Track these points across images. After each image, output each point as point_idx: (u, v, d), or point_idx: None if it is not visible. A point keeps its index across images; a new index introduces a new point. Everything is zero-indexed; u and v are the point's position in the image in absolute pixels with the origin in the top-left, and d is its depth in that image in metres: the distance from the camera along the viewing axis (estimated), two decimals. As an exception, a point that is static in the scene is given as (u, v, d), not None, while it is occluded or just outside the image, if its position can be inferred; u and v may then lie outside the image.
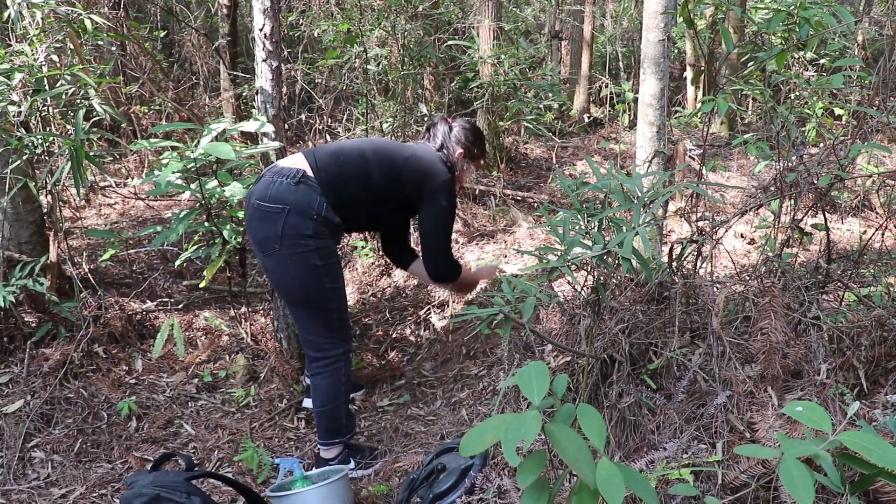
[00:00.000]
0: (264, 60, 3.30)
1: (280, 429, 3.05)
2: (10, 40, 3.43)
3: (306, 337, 2.63)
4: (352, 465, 2.68)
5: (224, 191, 3.12)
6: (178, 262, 3.52)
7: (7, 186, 3.17)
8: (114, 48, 5.62)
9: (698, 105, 5.77)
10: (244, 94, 5.83)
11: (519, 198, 4.93)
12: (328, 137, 5.69)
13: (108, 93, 4.93)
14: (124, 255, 4.08)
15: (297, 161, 2.59)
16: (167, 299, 3.81)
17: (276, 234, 2.48)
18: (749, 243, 4.16)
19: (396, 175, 2.65)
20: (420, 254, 2.88)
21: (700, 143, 5.59)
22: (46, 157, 3.41)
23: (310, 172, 2.54)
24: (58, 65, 3.46)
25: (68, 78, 3.19)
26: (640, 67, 3.18)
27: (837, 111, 5.61)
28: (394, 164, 2.65)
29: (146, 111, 5.37)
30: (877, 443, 1.15)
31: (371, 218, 2.79)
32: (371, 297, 4.02)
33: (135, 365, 3.31)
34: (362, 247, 4.37)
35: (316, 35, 5.74)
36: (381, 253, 4.31)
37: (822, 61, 6.36)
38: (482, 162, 2.98)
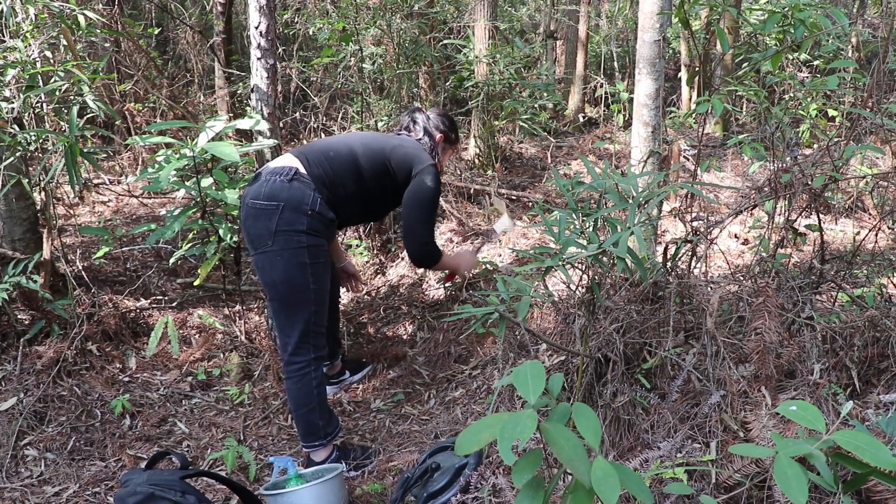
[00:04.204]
0: (259, 58, 3.30)
1: (274, 427, 3.05)
2: (3, 36, 3.41)
3: (283, 339, 2.65)
4: (344, 466, 2.68)
5: (221, 193, 3.11)
6: (172, 260, 3.52)
7: (0, 183, 3.16)
8: (108, 45, 5.60)
9: (693, 105, 5.79)
10: (239, 91, 5.82)
11: (514, 197, 4.94)
12: (323, 136, 5.67)
13: (102, 90, 4.91)
14: (118, 253, 4.07)
15: (288, 160, 2.66)
16: (161, 297, 3.80)
17: (270, 231, 2.52)
18: (743, 243, 4.17)
19: (385, 164, 2.75)
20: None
21: (695, 143, 5.61)
22: (40, 154, 3.40)
23: (302, 169, 2.61)
24: (51, 61, 3.44)
25: (62, 74, 3.18)
26: (635, 67, 3.19)
27: (831, 112, 5.63)
28: (382, 153, 2.75)
29: (140, 108, 5.34)
30: (869, 442, 1.15)
31: (363, 210, 2.85)
32: (366, 296, 4.02)
33: (129, 363, 3.30)
34: (356, 245, 4.36)
35: (311, 33, 5.72)
36: (375, 251, 4.32)
37: (816, 63, 6.39)
38: (457, 147, 3.16)
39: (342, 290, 3.52)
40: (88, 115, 3.61)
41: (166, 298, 3.79)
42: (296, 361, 2.61)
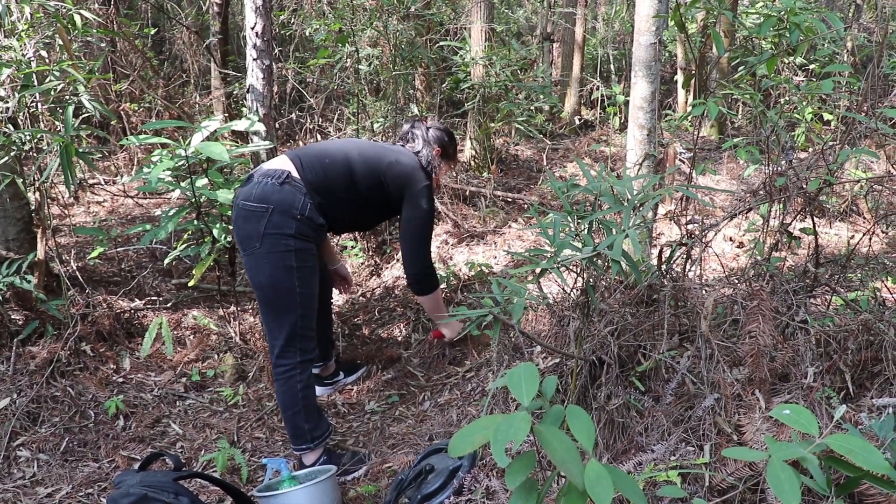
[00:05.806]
0: (255, 59, 3.30)
1: (268, 429, 3.04)
2: (-2, 35, 3.40)
3: (270, 342, 2.64)
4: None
5: (215, 193, 3.11)
6: (167, 261, 3.51)
7: (-6, 183, 3.15)
8: (104, 45, 5.59)
9: (689, 108, 5.79)
10: (235, 92, 5.81)
11: (509, 199, 4.94)
12: (318, 137, 5.67)
13: (97, 89, 4.90)
14: (113, 253, 4.06)
15: (282, 163, 2.64)
16: (156, 298, 3.79)
17: (258, 233, 2.51)
18: (738, 247, 4.18)
19: (380, 179, 2.73)
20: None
21: (690, 146, 5.62)
22: (35, 154, 3.39)
23: (295, 173, 2.60)
24: (47, 60, 3.44)
25: (57, 74, 3.17)
26: (631, 70, 3.19)
27: (826, 116, 5.65)
28: (378, 168, 2.73)
29: (136, 108, 5.33)
30: (862, 446, 1.16)
31: (356, 219, 2.85)
32: (360, 298, 4.02)
33: (122, 363, 3.29)
34: (352, 247, 4.36)
35: (307, 34, 5.72)
36: (370, 253, 4.32)
37: (811, 66, 6.41)
38: (455, 162, 3.10)
39: (335, 292, 3.51)
40: (84, 115, 3.60)
41: (161, 299, 3.78)
42: (282, 364, 2.60)
